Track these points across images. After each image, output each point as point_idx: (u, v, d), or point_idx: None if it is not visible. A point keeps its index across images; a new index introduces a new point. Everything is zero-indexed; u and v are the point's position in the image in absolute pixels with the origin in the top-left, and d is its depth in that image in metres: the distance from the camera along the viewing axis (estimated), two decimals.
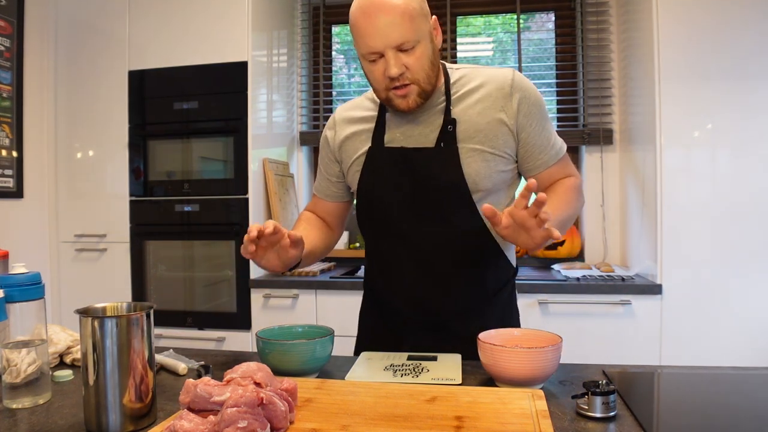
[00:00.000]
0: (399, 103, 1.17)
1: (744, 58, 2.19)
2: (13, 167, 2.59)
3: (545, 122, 1.23)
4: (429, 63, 1.15)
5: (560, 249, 2.81)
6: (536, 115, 1.21)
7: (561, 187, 1.24)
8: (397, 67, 1.11)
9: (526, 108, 1.20)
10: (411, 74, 1.13)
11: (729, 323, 2.19)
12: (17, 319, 0.92)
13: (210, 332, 2.55)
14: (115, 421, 0.80)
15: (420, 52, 1.13)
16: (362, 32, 1.12)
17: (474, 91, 1.22)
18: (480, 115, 1.20)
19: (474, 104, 1.21)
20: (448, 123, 1.20)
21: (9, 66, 2.55)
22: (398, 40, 1.10)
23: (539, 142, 1.22)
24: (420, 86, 1.15)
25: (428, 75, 1.15)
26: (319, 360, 1.05)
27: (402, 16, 1.09)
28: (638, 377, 1.07)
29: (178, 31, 2.64)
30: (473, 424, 0.79)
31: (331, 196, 1.39)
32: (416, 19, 1.11)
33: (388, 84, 1.15)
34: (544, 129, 1.22)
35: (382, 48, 1.11)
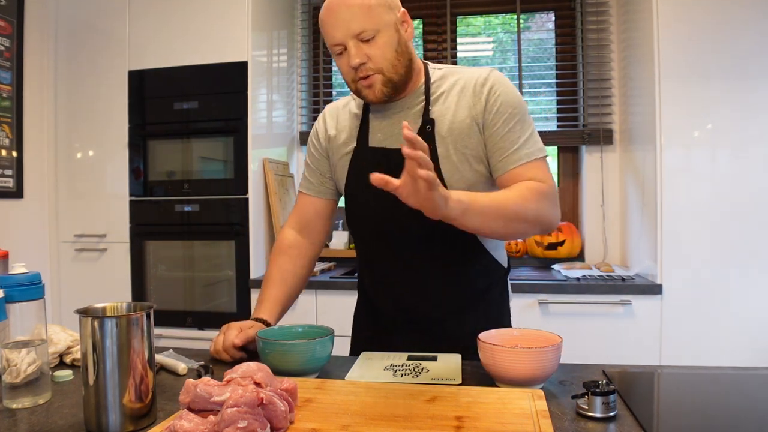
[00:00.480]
0: (366, 93, 1.19)
1: (744, 58, 2.19)
2: (13, 167, 2.59)
3: (516, 124, 1.17)
4: (393, 52, 1.16)
5: (560, 249, 2.81)
6: (503, 114, 1.17)
7: (518, 184, 1.14)
8: (359, 57, 1.14)
9: (493, 105, 1.18)
10: (373, 63, 1.15)
11: (729, 323, 2.19)
12: (17, 319, 0.92)
13: (210, 332, 2.54)
14: (115, 421, 0.80)
15: (382, 42, 1.14)
16: (326, 26, 1.16)
17: (451, 91, 1.22)
18: (455, 114, 1.20)
19: (450, 104, 1.21)
20: (427, 123, 1.20)
21: (9, 66, 2.55)
22: (356, 30, 1.13)
23: (502, 143, 1.17)
24: (384, 75, 1.16)
25: (393, 64, 1.16)
26: (319, 360, 1.05)
27: (360, 7, 1.13)
28: (638, 377, 1.07)
29: (178, 31, 2.64)
30: (473, 424, 0.79)
31: (323, 192, 1.38)
32: (376, 9, 1.13)
33: (354, 75, 1.17)
34: (511, 130, 1.17)
35: (343, 39, 1.14)
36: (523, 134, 1.18)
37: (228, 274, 2.60)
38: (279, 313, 1.28)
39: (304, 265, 1.37)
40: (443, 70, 1.26)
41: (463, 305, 1.28)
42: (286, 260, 1.35)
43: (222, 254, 2.61)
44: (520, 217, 1.08)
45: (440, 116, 1.21)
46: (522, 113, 1.19)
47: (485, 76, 1.21)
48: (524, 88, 2.96)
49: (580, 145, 2.94)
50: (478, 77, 1.21)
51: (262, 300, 1.29)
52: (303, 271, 1.37)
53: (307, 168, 1.40)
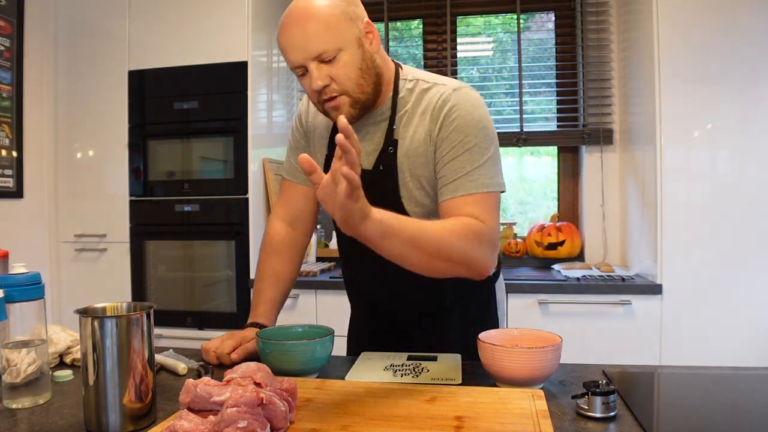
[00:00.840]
0: (334, 116, 1.10)
1: (744, 58, 2.19)
2: (13, 167, 2.59)
3: (465, 153, 1.07)
4: (357, 71, 1.07)
5: (560, 249, 2.81)
6: (453, 141, 1.08)
7: (454, 219, 1.04)
8: (321, 79, 1.05)
9: (446, 130, 1.09)
10: (338, 85, 1.06)
11: (729, 323, 2.19)
12: (17, 319, 0.92)
13: (210, 332, 2.54)
14: (115, 421, 0.80)
15: (345, 61, 1.05)
16: (283, 48, 1.07)
17: (416, 110, 1.14)
18: (413, 138, 1.13)
19: (411, 126, 1.13)
20: (389, 144, 1.13)
21: (9, 66, 2.55)
22: (315, 51, 1.03)
23: (444, 170, 1.09)
24: (350, 96, 1.08)
25: (358, 84, 1.07)
26: (319, 360, 1.05)
27: (317, 25, 1.02)
28: (638, 377, 1.07)
29: (178, 31, 2.64)
30: (473, 424, 0.79)
31: (301, 176, 1.31)
32: (335, 26, 1.03)
33: (319, 97, 1.09)
34: (457, 158, 1.07)
35: (302, 61, 1.05)
36: (470, 164, 1.07)
37: (228, 274, 2.60)
38: (276, 314, 1.28)
39: (296, 261, 1.35)
40: (413, 82, 1.16)
41: (435, 313, 1.27)
42: (278, 260, 1.31)
43: (222, 254, 2.61)
44: (443, 254, 0.97)
45: (403, 137, 1.13)
46: (476, 142, 1.08)
47: (445, 98, 1.11)
48: (524, 88, 2.96)
49: (580, 145, 2.94)
50: (439, 98, 1.11)
51: (258, 303, 1.27)
52: (296, 266, 1.35)
53: (291, 152, 1.34)
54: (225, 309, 2.60)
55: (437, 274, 1.02)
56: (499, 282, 1.38)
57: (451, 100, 1.10)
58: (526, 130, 2.91)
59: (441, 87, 1.13)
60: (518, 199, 3.17)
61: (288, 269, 1.32)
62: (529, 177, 3.19)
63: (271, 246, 1.33)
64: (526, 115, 2.94)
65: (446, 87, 1.13)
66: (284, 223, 1.35)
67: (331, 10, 1.04)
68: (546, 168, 3.15)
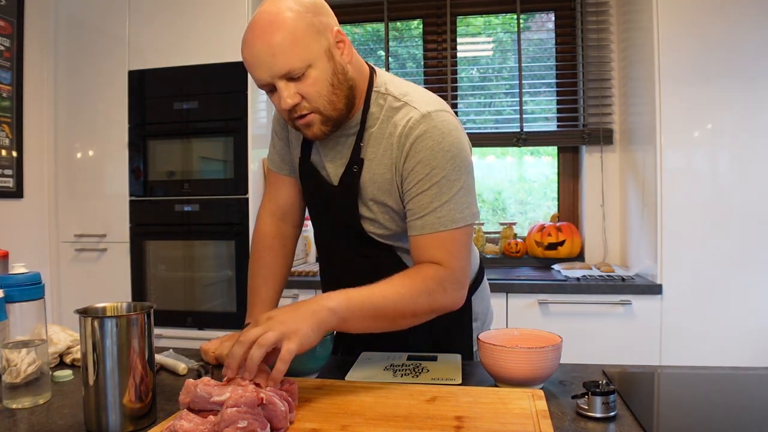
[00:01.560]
0: (306, 132, 1.06)
1: (744, 58, 2.19)
2: (13, 167, 2.59)
3: (432, 186, 1.02)
4: (328, 86, 1.00)
5: (560, 249, 2.81)
6: (420, 174, 1.02)
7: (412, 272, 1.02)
8: (291, 98, 0.99)
9: (411, 161, 1.03)
10: (308, 102, 1.00)
11: (729, 323, 2.19)
12: (17, 319, 0.92)
13: (210, 332, 2.54)
14: (115, 421, 0.80)
15: (315, 77, 0.99)
16: (247, 64, 1.01)
17: (384, 131, 1.07)
18: (380, 161, 1.07)
19: (379, 148, 1.07)
20: (355, 162, 1.08)
21: (9, 66, 2.55)
22: (282, 70, 0.97)
23: (411, 205, 1.04)
24: (321, 114, 1.02)
25: (330, 100, 1.01)
26: (319, 360, 1.05)
27: (282, 41, 0.95)
28: (638, 377, 1.07)
29: (178, 31, 2.64)
30: (473, 424, 0.79)
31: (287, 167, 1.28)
32: (302, 41, 0.96)
33: (289, 115, 1.03)
34: (424, 193, 1.02)
35: (269, 79, 0.99)
36: (438, 199, 1.02)
37: (228, 274, 2.60)
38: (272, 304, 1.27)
39: (289, 255, 1.33)
40: (385, 97, 1.09)
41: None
42: (272, 256, 1.29)
43: (222, 254, 2.61)
44: (408, 314, 0.99)
45: (369, 158, 1.08)
46: (444, 174, 1.01)
47: (412, 125, 1.03)
48: (524, 88, 2.96)
49: (580, 145, 2.94)
50: (407, 124, 1.03)
51: (255, 302, 1.26)
52: (289, 261, 1.34)
53: (276, 142, 1.28)
54: (225, 309, 2.60)
55: (407, 326, 1.03)
56: (479, 294, 1.31)
57: (418, 129, 1.02)
58: (526, 130, 2.91)
59: (410, 110, 1.05)
60: (518, 199, 3.17)
61: (281, 264, 1.31)
62: (529, 177, 3.19)
63: (263, 243, 1.30)
64: (526, 115, 2.94)
65: (415, 111, 1.04)
66: (274, 218, 1.32)
67: (296, 24, 0.96)
68: (546, 168, 3.16)
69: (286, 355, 0.83)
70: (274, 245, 1.30)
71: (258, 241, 1.31)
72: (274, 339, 0.83)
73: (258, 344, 0.82)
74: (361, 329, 0.97)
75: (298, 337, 0.85)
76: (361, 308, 0.94)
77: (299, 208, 1.33)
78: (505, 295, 2.32)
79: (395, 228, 1.12)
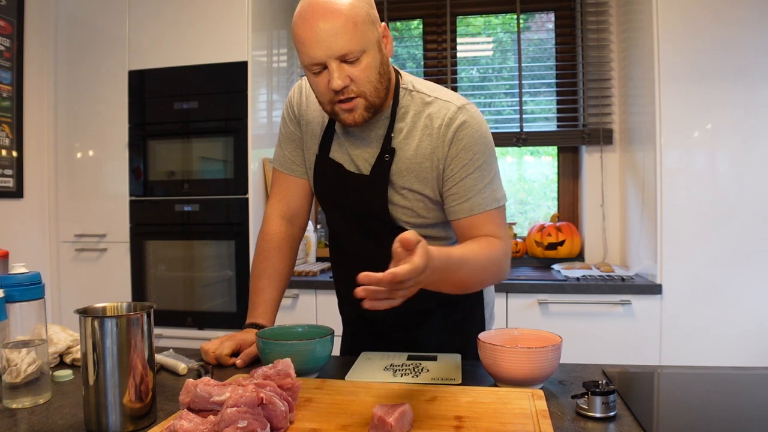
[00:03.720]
0: (345, 117, 1.08)
1: (744, 58, 2.19)
2: (13, 167, 2.59)
3: (475, 171, 1.11)
4: (376, 74, 1.06)
5: (560, 249, 2.81)
6: (463, 160, 1.10)
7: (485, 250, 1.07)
8: (342, 79, 1.02)
9: (455, 150, 1.10)
10: (357, 86, 1.04)
11: (729, 323, 2.19)
12: (17, 319, 0.92)
13: (210, 332, 2.55)
14: (115, 421, 0.80)
15: (366, 63, 1.04)
16: (302, 41, 1.02)
17: (417, 124, 1.13)
18: (416, 151, 1.12)
19: (413, 140, 1.13)
20: (386, 152, 1.13)
21: (9, 66, 2.55)
22: (341, 50, 1.01)
23: (457, 189, 1.11)
24: (367, 99, 1.06)
25: (376, 87, 1.06)
26: (319, 360, 1.05)
27: (345, 23, 1.00)
28: (638, 377, 1.07)
29: (178, 31, 2.64)
30: (473, 424, 0.79)
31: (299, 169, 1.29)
32: (361, 26, 1.01)
33: (333, 97, 1.06)
34: (469, 177, 1.11)
35: (324, 58, 1.02)
36: (481, 182, 1.11)
37: (228, 274, 2.60)
38: (275, 314, 1.28)
39: (294, 257, 1.34)
40: (413, 93, 1.15)
41: (420, 314, 1.27)
42: (279, 258, 1.29)
43: (222, 254, 2.61)
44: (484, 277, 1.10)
45: (401, 148, 1.13)
46: (485, 159, 1.11)
47: (452, 116, 1.11)
48: (524, 88, 2.96)
49: (580, 145, 2.94)
50: (445, 116, 1.11)
51: (257, 303, 1.26)
52: (293, 262, 1.34)
53: (286, 143, 1.29)
54: (225, 309, 2.60)
55: (474, 290, 1.13)
56: None
57: (458, 119, 1.10)
58: (526, 130, 2.91)
59: (445, 104, 1.13)
60: (518, 199, 3.17)
61: (287, 266, 1.31)
62: (528, 177, 3.19)
63: (271, 243, 1.30)
64: (525, 115, 2.94)
65: (451, 104, 1.12)
66: (283, 220, 1.32)
67: (357, 11, 1.02)
68: (546, 168, 3.16)
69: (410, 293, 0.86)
70: (283, 247, 1.30)
71: (267, 241, 1.30)
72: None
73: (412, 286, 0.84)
74: (446, 287, 0.99)
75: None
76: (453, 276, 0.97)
77: (307, 210, 1.35)
78: (505, 295, 2.33)
79: (427, 216, 1.16)
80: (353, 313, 1.34)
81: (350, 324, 1.39)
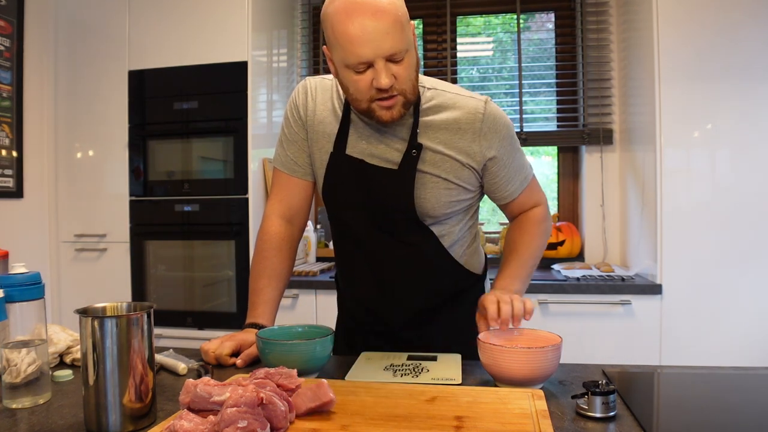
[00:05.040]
0: (382, 114, 1.09)
1: (744, 58, 2.19)
2: (13, 167, 2.59)
3: (515, 153, 1.22)
4: (415, 73, 1.10)
5: (560, 249, 2.81)
6: (507, 148, 1.19)
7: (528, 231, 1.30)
8: (389, 78, 1.03)
9: (497, 144, 1.17)
10: (399, 85, 1.06)
11: (729, 323, 2.19)
12: (17, 319, 0.92)
13: (210, 332, 2.55)
14: (115, 421, 0.80)
15: (408, 62, 1.06)
16: (351, 40, 1.01)
17: (443, 119, 1.17)
18: (446, 145, 1.16)
19: (442, 133, 1.16)
20: (413, 147, 1.15)
21: (9, 66, 2.55)
22: (391, 50, 1.02)
23: (508, 174, 1.22)
24: (406, 97, 1.09)
25: (414, 86, 1.10)
26: (319, 360, 1.05)
27: (394, 23, 1.01)
28: (638, 377, 1.07)
29: (178, 31, 2.64)
30: (473, 424, 0.79)
31: (310, 174, 1.29)
32: (405, 27, 1.04)
33: (374, 95, 1.06)
34: (514, 160, 1.22)
35: (373, 57, 1.02)
36: (519, 162, 1.24)
37: (228, 274, 2.60)
38: (275, 314, 1.28)
39: (293, 257, 1.34)
40: (431, 92, 1.19)
41: (429, 317, 1.29)
42: (278, 258, 1.29)
43: (222, 254, 2.61)
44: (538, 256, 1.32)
45: (429, 142, 1.16)
46: (514, 142, 1.22)
47: (482, 112, 1.16)
48: (524, 88, 2.96)
49: (580, 145, 2.94)
50: (475, 112, 1.16)
51: (257, 303, 1.25)
52: (293, 262, 1.34)
53: (288, 144, 1.28)
54: (225, 309, 2.60)
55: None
56: (486, 281, 1.41)
57: (487, 112, 1.17)
58: (526, 130, 2.91)
59: (468, 99, 1.18)
60: None
61: (287, 266, 1.31)
62: None
63: (271, 243, 1.30)
64: (525, 115, 2.94)
65: (475, 100, 1.18)
66: (283, 220, 1.32)
67: (401, 10, 1.04)
68: (546, 168, 3.15)
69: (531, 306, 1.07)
70: (283, 247, 1.30)
71: (266, 241, 1.30)
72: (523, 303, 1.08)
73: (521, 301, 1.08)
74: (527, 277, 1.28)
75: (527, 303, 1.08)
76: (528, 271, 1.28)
77: (306, 211, 1.35)
78: None
79: (448, 210, 1.21)
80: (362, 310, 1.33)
81: (353, 321, 1.38)
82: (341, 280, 1.39)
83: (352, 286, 1.34)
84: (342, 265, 1.36)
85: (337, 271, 1.40)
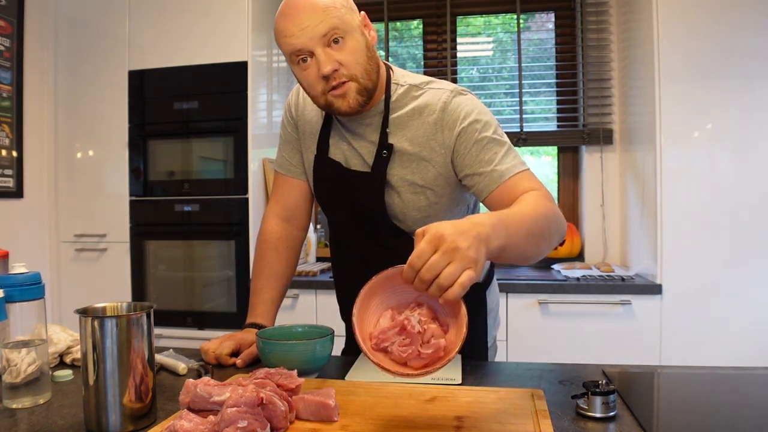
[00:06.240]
0: (339, 104, 1.06)
1: (744, 58, 2.19)
2: (13, 167, 2.59)
3: (488, 143, 1.08)
4: (364, 57, 1.05)
5: (560, 249, 2.81)
6: (473, 135, 1.08)
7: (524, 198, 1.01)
8: (330, 64, 1.02)
9: (463, 128, 1.09)
10: (346, 70, 1.04)
11: (729, 323, 2.19)
12: (17, 319, 0.92)
13: (210, 332, 2.54)
14: (115, 421, 0.80)
15: (352, 46, 1.04)
16: (284, 33, 1.04)
17: (411, 116, 1.12)
18: (412, 141, 1.12)
19: (409, 131, 1.12)
20: (384, 148, 1.12)
21: (9, 66, 2.55)
22: (323, 30, 1.01)
23: (478, 164, 1.08)
24: (358, 82, 1.05)
25: (366, 69, 1.05)
26: (319, 360, 1.05)
27: (326, 7, 1.02)
28: (638, 377, 1.07)
29: (178, 31, 2.64)
30: (473, 424, 0.79)
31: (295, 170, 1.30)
32: (341, 9, 1.03)
33: (324, 86, 1.05)
34: (485, 149, 1.07)
35: (307, 44, 1.02)
36: (500, 149, 1.08)
37: (228, 274, 2.60)
38: (275, 314, 1.28)
39: (293, 257, 1.34)
40: (405, 87, 1.14)
41: None
42: (276, 258, 1.30)
43: (222, 254, 2.61)
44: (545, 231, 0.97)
45: (398, 142, 1.12)
46: (494, 129, 1.09)
47: (446, 99, 1.10)
48: (524, 88, 2.96)
49: (580, 145, 2.94)
50: (439, 100, 1.10)
51: (257, 303, 1.26)
52: (293, 263, 1.34)
53: (284, 145, 1.31)
54: (225, 309, 2.60)
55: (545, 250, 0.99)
56: (492, 287, 1.36)
57: (454, 100, 1.10)
58: (526, 130, 2.91)
59: (437, 91, 1.12)
60: None
61: (286, 267, 1.31)
62: None
63: (268, 243, 1.31)
64: (526, 115, 2.94)
65: (444, 90, 1.12)
66: (280, 220, 1.33)
67: (335, 2, 1.04)
68: (546, 168, 3.15)
69: (467, 281, 0.72)
70: (279, 246, 1.31)
71: (263, 241, 1.31)
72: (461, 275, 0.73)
73: (459, 284, 0.72)
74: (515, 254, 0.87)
75: (479, 268, 0.75)
76: (516, 223, 0.87)
77: (306, 210, 1.34)
78: (505, 295, 2.33)
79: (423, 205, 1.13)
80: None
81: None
82: (335, 279, 1.38)
83: (344, 285, 1.34)
84: (334, 266, 1.36)
85: (334, 277, 1.39)
